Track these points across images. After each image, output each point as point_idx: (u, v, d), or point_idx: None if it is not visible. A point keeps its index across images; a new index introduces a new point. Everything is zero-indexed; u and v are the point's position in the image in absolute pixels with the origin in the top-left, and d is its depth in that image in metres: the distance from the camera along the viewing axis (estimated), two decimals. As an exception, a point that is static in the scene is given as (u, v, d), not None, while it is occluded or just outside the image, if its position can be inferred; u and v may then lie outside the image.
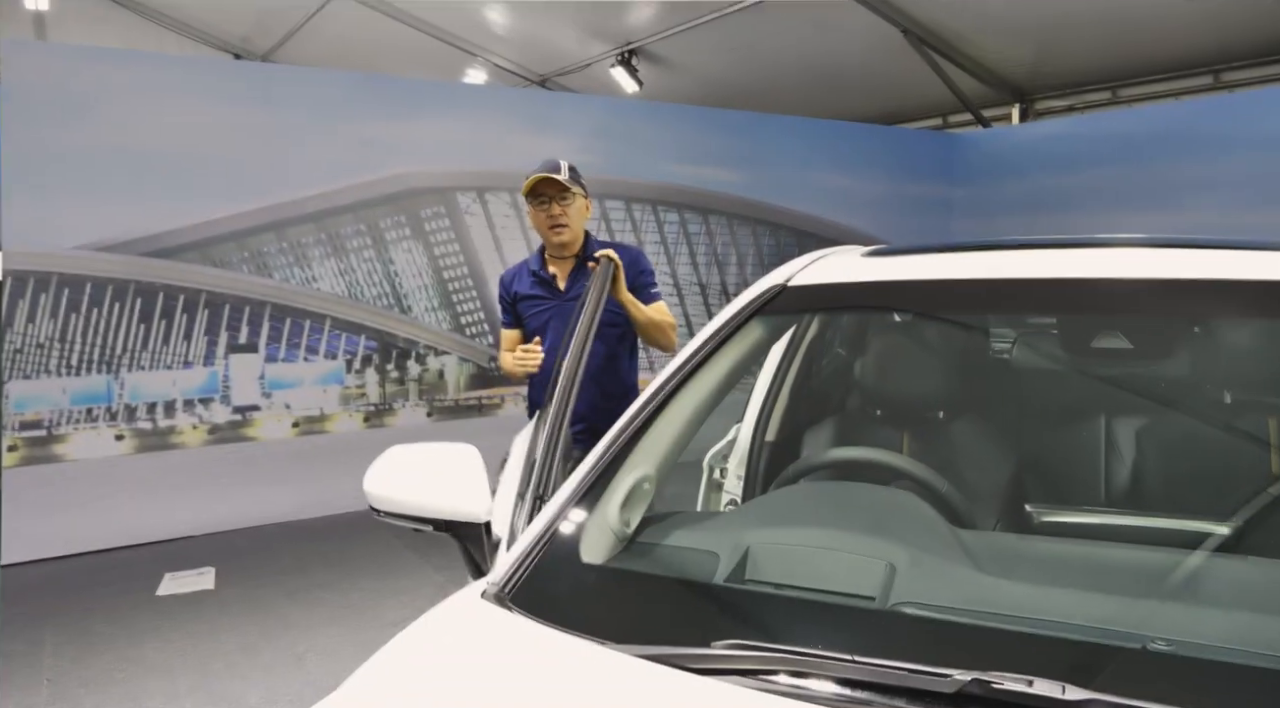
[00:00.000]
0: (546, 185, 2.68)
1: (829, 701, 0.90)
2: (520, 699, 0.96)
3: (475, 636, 1.10)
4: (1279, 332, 1.42)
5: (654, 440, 1.41)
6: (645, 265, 2.85)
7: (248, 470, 4.80)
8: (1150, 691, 0.84)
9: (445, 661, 1.05)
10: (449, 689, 0.99)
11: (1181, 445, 1.46)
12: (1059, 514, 1.27)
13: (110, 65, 4.63)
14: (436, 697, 0.99)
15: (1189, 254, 1.40)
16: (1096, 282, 1.40)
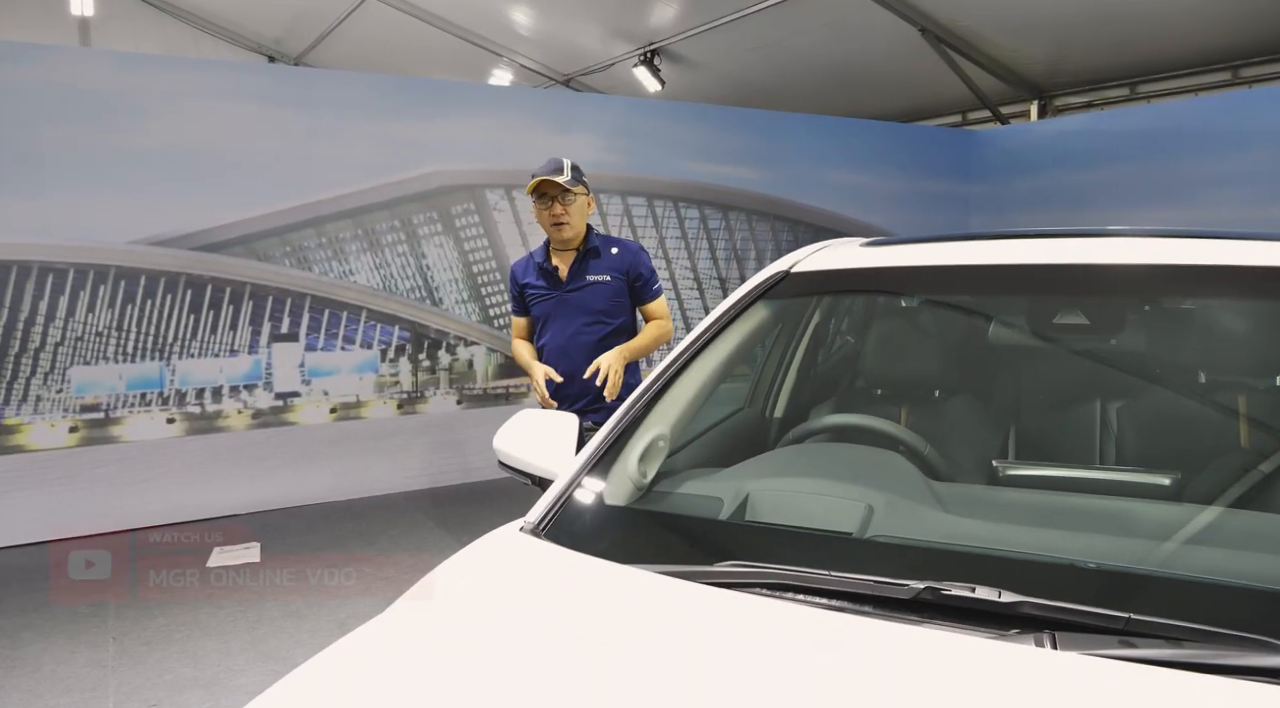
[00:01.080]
0: (549, 186, 2.86)
1: (811, 607, 1.10)
2: (553, 604, 1.17)
3: (513, 559, 1.31)
4: (1248, 312, 1.59)
5: (668, 405, 1.62)
6: (645, 264, 3.02)
7: (288, 453, 5.07)
8: (1070, 594, 1.04)
9: (488, 576, 1.27)
10: (492, 597, 1.21)
11: (1144, 413, 1.64)
12: (1020, 469, 1.46)
13: (161, 71, 4.90)
14: (481, 604, 1.20)
15: (1158, 242, 1.58)
16: (1070, 267, 1.58)
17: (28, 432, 4.52)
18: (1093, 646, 0.96)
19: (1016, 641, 0.98)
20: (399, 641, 1.14)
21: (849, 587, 1.11)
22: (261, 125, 4.98)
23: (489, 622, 1.16)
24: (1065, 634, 0.98)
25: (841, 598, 1.10)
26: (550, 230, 2.93)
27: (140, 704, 2.92)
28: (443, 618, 1.18)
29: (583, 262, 2.95)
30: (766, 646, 1.04)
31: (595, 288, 2.94)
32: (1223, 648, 0.92)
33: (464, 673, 1.04)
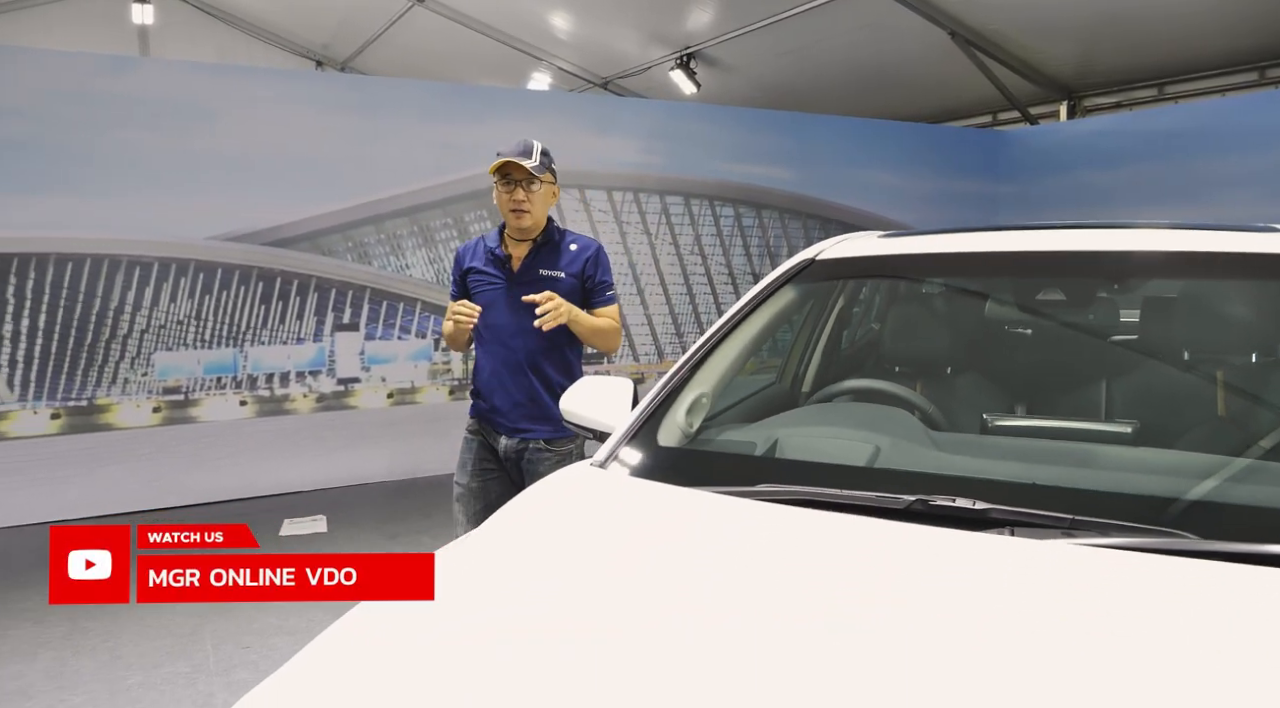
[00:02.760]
0: (514, 169, 2.62)
1: (828, 514, 1.40)
2: (630, 510, 1.49)
3: (590, 483, 1.63)
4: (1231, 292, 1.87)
5: (709, 370, 1.92)
6: (603, 264, 2.78)
7: (349, 435, 5.44)
8: (1028, 503, 1.33)
9: (574, 494, 1.58)
10: (583, 506, 1.52)
11: (1120, 376, 1.91)
12: (1006, 420, 1.74)
13: (236, 80, 5.30)
14: (575, 510, 1.52)
15: (1134, 232, 1.86)
16: (1053, 253, 1.87)
17: (116, 411, 4.94)
18: (1043, 537, 1.25)
19: (984, 532, 1.27)
20: (517, 543, 1.46)
21: (856, 501, 1.40)
22: (326, 130, 5.36)
23: (585, 523, 1.48)
24: (1023, 530, 1.27)
25: (851, 510, 1.40)
26: (508, 216, 2.66)
27: (234, 648, 3.28)
28: (545, 524, 1.50)
29: (538, 254, 2.70)
30: (795, 540, 1.34)
31: (546, 284, 2.64)
32: (1136, 537, 1.21)
33: (579, 563, 1.35)
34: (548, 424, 2.65)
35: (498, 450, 2.71)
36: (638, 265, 6.51)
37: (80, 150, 4.77)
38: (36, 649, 3.28)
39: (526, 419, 2.66)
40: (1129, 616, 1.07)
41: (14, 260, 4.69)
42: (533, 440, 2.66)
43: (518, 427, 2.66)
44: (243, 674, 3.07)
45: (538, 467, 2.63)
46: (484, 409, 2.73)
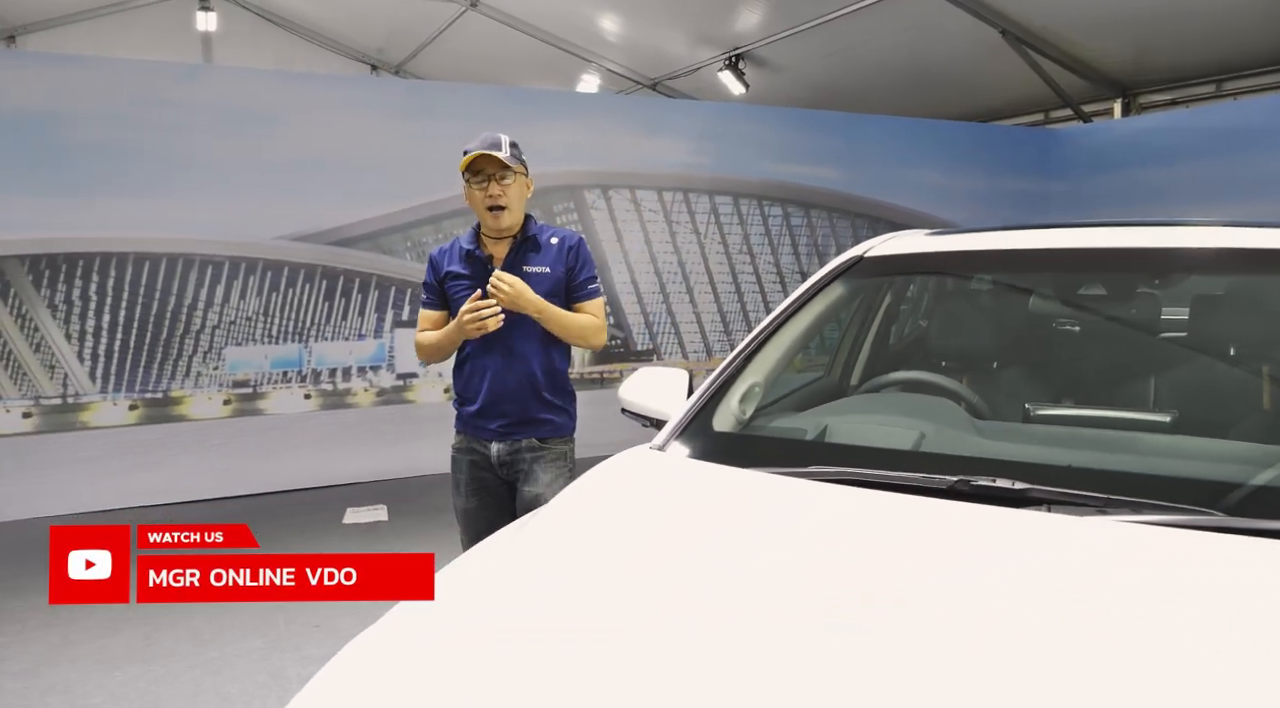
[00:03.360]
0: (486, 162, 2.48)
1: (875, 492, 1.49)
2: (690, 488, 1.60)
3: (650, 465, 1.74)
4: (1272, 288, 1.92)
5: (761, 361, 2.02)
6: (586, 256, 2.63)
7: (408, 428, 5.63)
8: (1066, 483, 1.41)
9: (635, 474, 1.70)
10: (644, 485, 1.64)
11: (1158, 367, 1.97)
12: (1047, 409, 1.82)
13: (299, 85, 5.52)
14: (637, 490, 1.63)
15: (1169, 230, 1.92)
16: (1092, 250, 1.94)
17: (189, 403, 5.19)
18: (1080, 515, 1.33)
19: (1023, 510, 1.36)
20: (588, 519, 1.57)
21: (903, 481, 1.50)
22: (386, 133, 5.56)
23: (650, 500, 1.59)
24: (1060, 508, 1.35)
25: (896, 489, 1.49)
26: (484, 215, 2.51)
27: (305, 626, 3.46)
28: (613, 500, 1.61)
29: (520, 251, 2.54)
30: (845, 516, 1.44)
31: (534, 280, 2.50)
32: (1168, 514, 1.29)
33: (650, 536, 1.46)
34: (539, 425, 2.55)
35: (490, 460, 2.55)
36: (687, 264, 6.61)
37: (158, 154, 5.03)
38: (121, 625, 3.49)
39: (517, 422, 2.53)
40: (1159, 585, 1.15)
41: (96, 259, 4.95)
42: (524, 440, 2.53)
43: (508, 431, 2.52)
44: (312, 650, 3.24)
45: (532, 466, 2.52)
46: (470, 416, 2.59)
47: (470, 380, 2.60)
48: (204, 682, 3.04)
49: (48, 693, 2.97)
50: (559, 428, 2.59)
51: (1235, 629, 1.04)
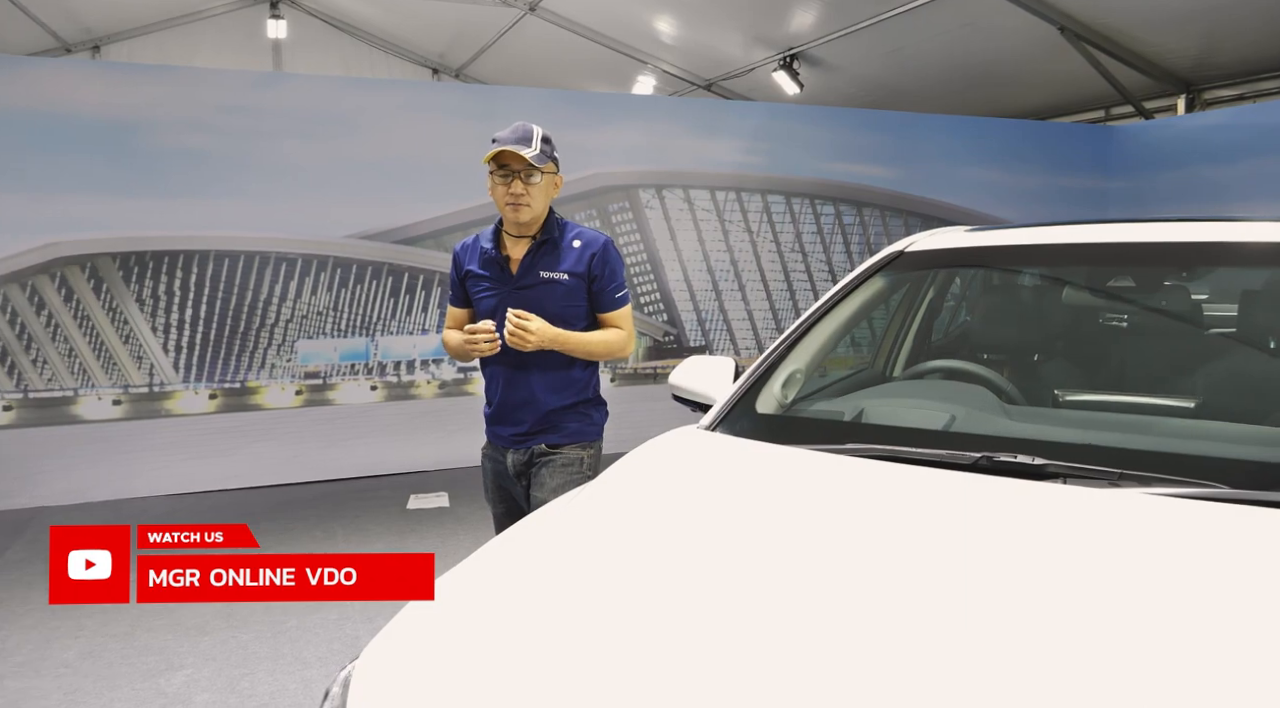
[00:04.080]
0: (512, 158, 2.35)
1: (906, 466, 1.61)
2: (737, 462, 1.74)
3: (698, 442, 1.88)
4: None
5: (802, 349, 2.15)
6: (611, 261, 2.48)
7: (468, 419, 5.84)
8: (1082, 459, 1.51)
9: (686, 449, 1.85)
10: (694, 459, 1.78)
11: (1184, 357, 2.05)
12: (1073, 395, 1.91)
13: (367, 91, 5.78)
14: (687, 463, 1.78)
15: (1197, 226, 2.00)
16: (1122, 244, 2.03)
17: (264, 393, 5.48)
18: (1092, 486, 1.44)
19: (1040, 481, 1.47)
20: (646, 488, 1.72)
21: (931, 457, 1.62)
22: (449, 136, 5.78)
23: (700, 472, 1.74)
24: (1075, 481, 1.46)
25: (926, 464, 1.61)
26: (505, 211, 2.41)
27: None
28: (667, 472, 1.76)
29: (537, 253, 2.43)
30: (878, 487, 1.56)
31: (547, 287, 2.41)
32: (1175, 487, 1.39)
33: (701, 503, 1.60)
34: (551, 432, 2.47)
35: (507, 468, 2.51)
36: (739, 262, 6.73)
37: (237, 159, 5.32)
38: (206, 596, 3.74)
39: (532, 430, 2.46)
40: (1160, 549, 1.26)
41: (180, 257, 5.27)
42: (535, 446, 2.46)
43: (521, 439, 2.46)
44: (382, 621, 3.45)
45: (541, 471, 2.45)
46: (489, 421, 2.55)
47: (489, 385, 2.54)
48: (283, 648, 3.26)
49: (144, 653, 3.23)
50: (574, 433, 2.49)
51: (1227, 587, 1.15)
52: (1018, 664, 1.00)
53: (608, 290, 2.47)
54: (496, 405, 2.50)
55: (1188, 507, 1.34)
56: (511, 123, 2.44)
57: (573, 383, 2.48)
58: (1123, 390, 1.97)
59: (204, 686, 3.00)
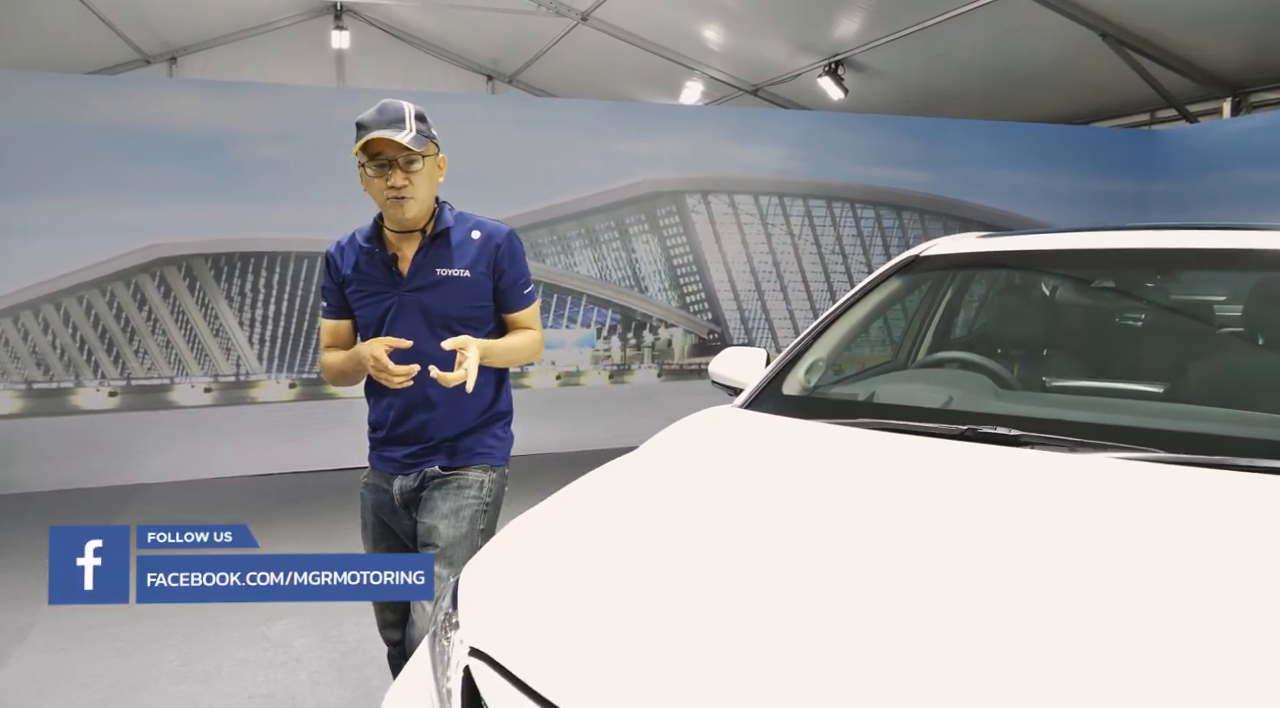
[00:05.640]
0: (385, 146, 2.03)
1: (904, 436, 1.92)
2: (767, 432, 2.07)
3: (734, 417, 2.22)
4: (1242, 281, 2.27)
5: (824, 342, 2.48)
6: (518, 254, 2.20)
7: (525, 411, 6.23)
8: (1051, 431, 1.82)
9: (723, 423, 2.18)
10: (731, 430, 2.12)
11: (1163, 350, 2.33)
12: (1060, 382, 2.21)
13: (431, 103, 6.20)
14: (725, 433, 2.11)
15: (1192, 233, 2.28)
16: (1119, 250, 2.32)
17: (338, 384, 5.95)
18: (1054, 451, 1.75)
19: (1014, 448, 1.78)
20: (689, 454, 2.05)
21: (926, 429, 1.93)
22: (509, 145, 6.19)
23: (736, 440, 2.07)
24: (1041, 447, 1.77)
25: (922, 434, 1.92)
26: (387, 207, 2.08)
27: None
28: (708, 441, 2.10)
29: (431, 248, 2.12)
30: (881, 451, 1.88)
31: (449, 286, 2.11)
32: (1120, 452, 1.69)
33: (737, 465, 1.93)
34: (451, 454, 2.17)
35: (393, 500, 2.20)
36: (781, 264, 7.04)
37: (315, 167, 5.79)
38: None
39: (426, 450, 2.15)
40: (1103, 496, 1.56)
41: (265, 258, 5.75)
42: (428, 469, 2.16)
43: (415, 460, 2.15)
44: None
45: (432, 494, 2.15)
46: (378, 442, 2.22)
47: (377, 402, 2.21)
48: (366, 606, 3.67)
49: (250, 606, 3.66)
50: (475, 455, 2.21)
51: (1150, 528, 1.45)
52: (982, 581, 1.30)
53: (516, 287, 2.18)
54: (389, 425, 2.16)
55: (1126, 466, 1.64)
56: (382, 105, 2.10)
57: (480, 398, 2.16)
58: (1103, 378, 2.26)
59: (301, 634, 3.42)
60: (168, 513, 5.10)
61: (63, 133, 5.35)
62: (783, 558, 1.42)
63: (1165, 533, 1.39)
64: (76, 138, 5.37)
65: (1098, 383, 2.21)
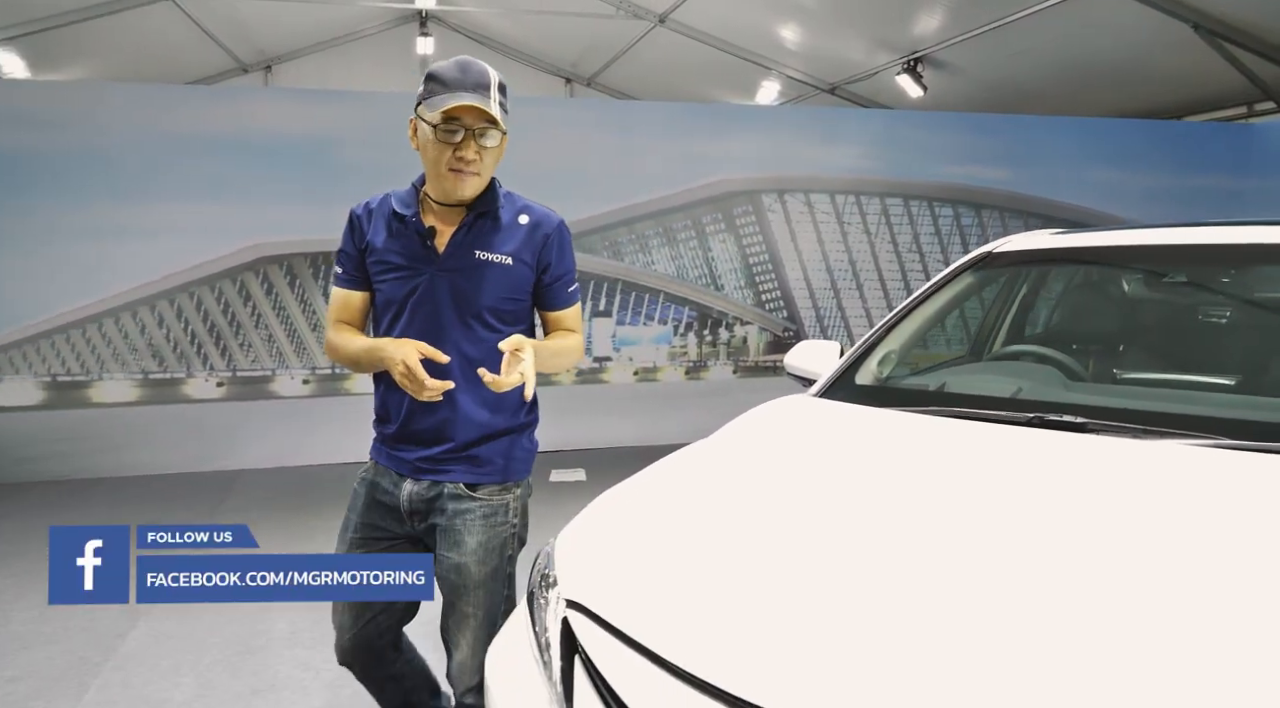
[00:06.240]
0: (468, 113, 1.79)
1: (974, 423, 2.00)
2: (840, 419, 2.18)
3: (808, 405, 2.33)
4: None
5: (896, 335, 2.56)
6: (567, 246, 1.98)
7: (603, 405, 6.44)
8: (1115, 419, 1.88)
9: (799, 411, 2.29)
10: (807, 417, 2.23)
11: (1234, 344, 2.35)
12: (1130, 373, 2.25)
13: (514, 108, 6.43)
14: (800, 420, 2.23)
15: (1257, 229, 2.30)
16: (1185, 246, 2.35)
17: (426, 377, 6.22)
18: (1118, 437, 1.81)
19: (1078, 434, 1.85)
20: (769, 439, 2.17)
21: (993, 417, 2.01)
22: (588, 147, 6.39)
23: (813, 427, 2.18)
24: (1106, 434, 1.83)
25: (991, 421, 2.00)
26: (446, 179, 1.84)
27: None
28: (786, 427, 2.21)
29: (474, 227, 1.89)
30: (951, 437, 1.96)
31: (487, 271, 1.87)
32: (1184, 440, 1.75)
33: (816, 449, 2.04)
34: (474, 465, 1.92)
35: (398, 504, 1.93)
36: (857, 263, 7.07)
37: (406, 170, 6.03)
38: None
39: (446, 455, 1.90)
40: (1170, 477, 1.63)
41: (358, 257, 6.05)
42: (449, 484, 1.90)
43: (432, 466, 1.90)
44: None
45: (455, 524, 1.89)
46: (389, 438, 1.95)
47: (389, 393, 1.95)
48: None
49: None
50: (499, 470, 1.96)
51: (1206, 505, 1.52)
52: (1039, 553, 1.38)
53: (561, 283, 1.96)
54: (403, 420, 1.89)
55: (1194, 452, 1.70)
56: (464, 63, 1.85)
57: (511, 398, 1.90)
58: (1175, 372, 2.29)
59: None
60: (267, 497, 5.43)
61: (173, 141, 5.75)
62: (852, 524, 1.53)
63: (1235, 514, 1.46)
64: (185, 145, 5.76)
65: (1168, 375, 2.25)
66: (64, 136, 5.58)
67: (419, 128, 1.87)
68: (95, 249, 5.66)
